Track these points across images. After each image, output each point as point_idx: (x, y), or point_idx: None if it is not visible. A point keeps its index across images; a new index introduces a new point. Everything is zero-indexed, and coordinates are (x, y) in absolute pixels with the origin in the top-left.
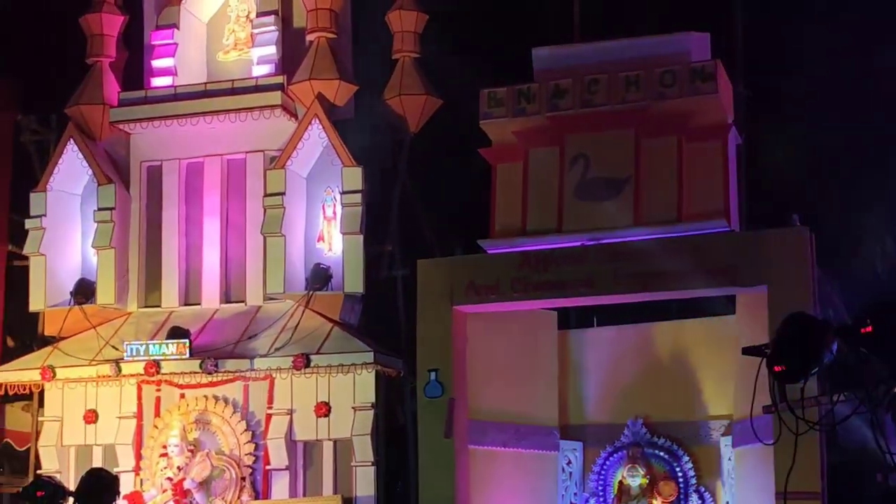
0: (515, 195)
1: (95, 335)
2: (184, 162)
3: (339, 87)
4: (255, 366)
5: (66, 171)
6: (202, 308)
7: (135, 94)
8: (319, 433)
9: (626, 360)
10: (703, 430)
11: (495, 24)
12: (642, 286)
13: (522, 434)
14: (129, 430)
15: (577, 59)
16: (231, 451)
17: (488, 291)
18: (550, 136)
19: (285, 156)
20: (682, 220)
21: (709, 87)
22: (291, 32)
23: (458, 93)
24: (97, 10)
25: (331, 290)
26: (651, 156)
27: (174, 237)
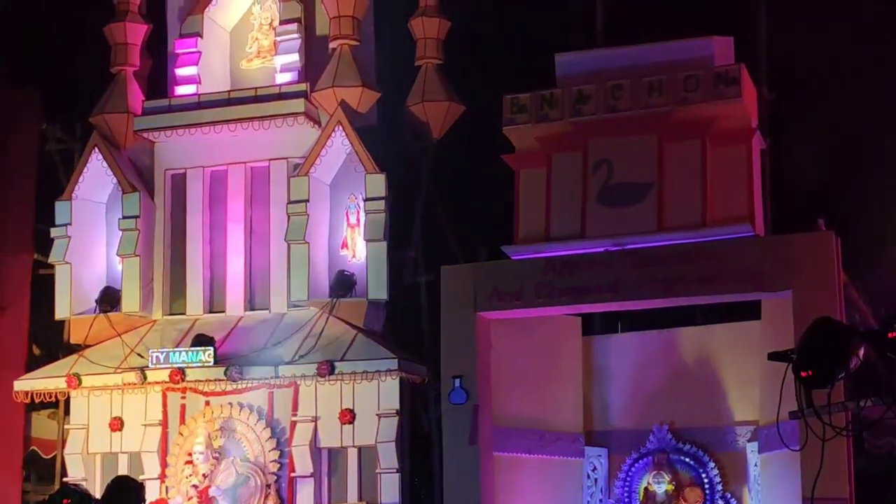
0: (539, 201)
1: (120, 343)
2: (208, 170)
3: (362, 94)
4: (280, 373)
5: (90, 179)
6: (227, 316)
7: (159, 103)
8: (344, 440)
9: (651, 366)
10: (728, 436)
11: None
12: (667, 291)
13: (547, 440)
14: (155, 437)
15: (600, 65)
16: (256, 459)
17: (512, 297)
18: (574, 142)
19: (309, 163)
20: (707, 224)
21: (733, 92)
22: (314, 40)
23: (481, 99)
24: (121, 20)
25: (355, 296)
26: (675, 161)
27: (198, 245)
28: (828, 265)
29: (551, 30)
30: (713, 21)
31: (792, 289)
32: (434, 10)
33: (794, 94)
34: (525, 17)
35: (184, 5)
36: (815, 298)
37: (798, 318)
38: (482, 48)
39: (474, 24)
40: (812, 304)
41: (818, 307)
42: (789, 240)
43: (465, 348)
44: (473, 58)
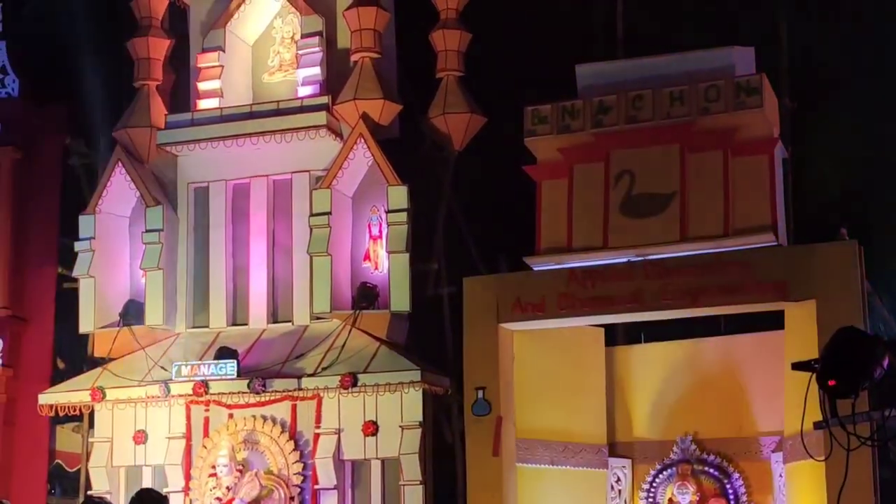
0: (561, 212)
1: (144, 356)
2: (230, 183)
3: (383, 106)
4: (303, 385)
5: (114, 193)
6: (250, 328)
7: (181, 117)
8: (367, 452)
9: (675, 377)
10: (753, 447)
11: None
12: (690, 302)
13: (570, 451)
14: (179, 450)
15: (621, 75)
16: (279, 471)
17: (535, 308)
18: (595, 153)
19: (331, 175)
20: (729, 235)
21: (754, 101)
22: (335, 53)
23: (503, 110)
24: (144, 35)
25: (377, 309)
26: (697, 171)
27: (221, 258)
28: (851, 274)
29: (572, 41)
30: (734, 31)
31: (815, 298)
32: (455, 23)
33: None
34: (546, 29)
35: (206, 20)
36: (838, 308)
37: (822, 327)
38: (503, 60)
39: (495, 36)
40: (835, 314)
41: (842, 316)
42: (813, 249)
43: (487, 360)
44: (495, 69)
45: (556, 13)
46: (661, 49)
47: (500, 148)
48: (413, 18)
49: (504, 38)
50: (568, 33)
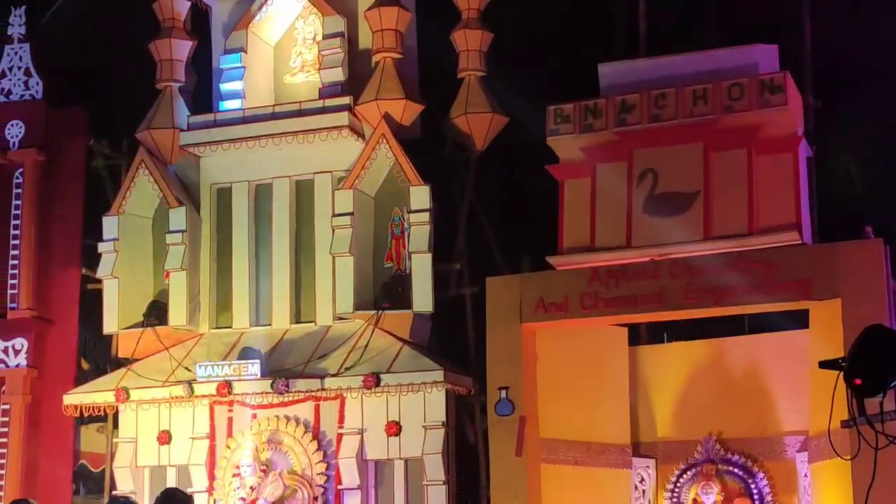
0: (583, 211)
1: (168, 357)
2: (253, 184)
3: (405, 106)
4: (326, 385)
5: (137, 194)
6: (272, 328)
7: (204, 118)
8: (390, 452)
9: (699, 376)
10: (777, 446)
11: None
12: (714, 301)
13: (594, 451)
14: (202, 450)
15: (644, 74)
16: (303, 471)
17: (557, 308)
18: (618, 152)
19: (353, 176)
20: (753, 233)
21: (778, 100)
22: (357, 53)
23: (525, 110)
24: (166, 36)
25: (400, 309)
26: (720, 169)
27: (244, 258)
28: (877, 272)
29: (594, 40)
30: (757, 29)
31: (840, 297)
32: (476, 22)
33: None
34: (568, 28)
35: (228, 21)
36: (864, 306)
37: (847, 326)
38: (525, 59)
39: (517, 36)
40: (861, 312)
41: (867, 315)
42: (837, 248)
43: (510, 359)
44: (516, 69)
45: (577, 12)
46: (684, 47)
47: (522, 147)
48: (435, 18)
49: (526, 38)
50: (590, 32)
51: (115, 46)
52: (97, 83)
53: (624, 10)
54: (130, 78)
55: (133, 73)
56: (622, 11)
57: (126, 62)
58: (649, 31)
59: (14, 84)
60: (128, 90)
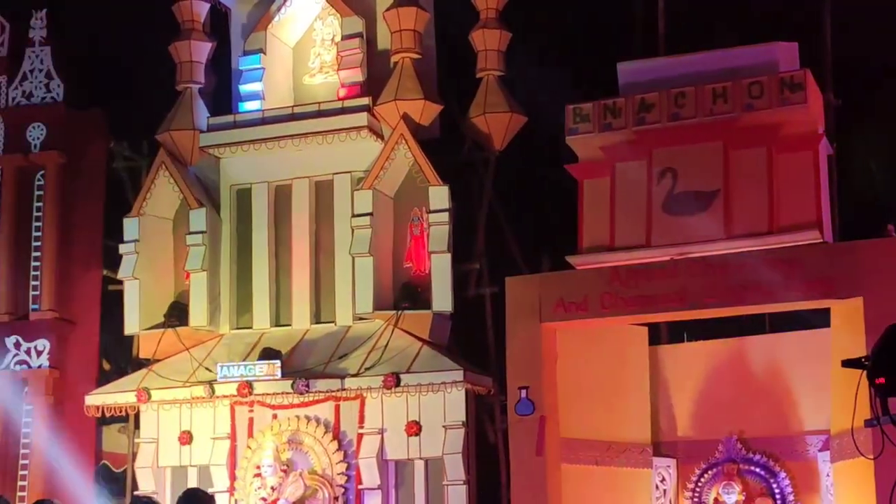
0: (603, 210)
1: (189, 357)
2: (272, 184)
3: (424, 106)
4: (346, 385)
5: (157, 196)
6: (293, 329)
7: (224, 119)
8: (411, 452)
9: (719, 376)
10: (799, 446)
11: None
12: (734, 299)
13: (615, 451)
14: (223, 450)
15: (663, 73)
16: (324, 471)
17: (577, 308)
18: (637, 151)
19: (372, 176)
20: (774, 231)
21: (798, 98)
22: (376, 54)
23: (543, 109)
24: (186, 38)
25: (420, 309)
26: (740, 168)
27: (264, 259)
28: None
29: (613, 38)
30: (777, 27)
31: (862, 295)
32: (495, 22)
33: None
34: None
35: (247, 22)
36: (886, 304)
37: (869, 324)
38: (543, 58)
39: (535, 35)
40: (883, 311)
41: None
42: (859, 246)
43: (530, 359)
44: (535, 68)
45: (596, 11)
46: (704, 45)
47: (541, 147)
48: (453, 18)
49: (544, 37)
50: (609, 31)
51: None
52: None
53: (643, 9)
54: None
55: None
56: (641, 10)
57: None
58: (668, 30)
59: (35, 86)
60: (148, 92)
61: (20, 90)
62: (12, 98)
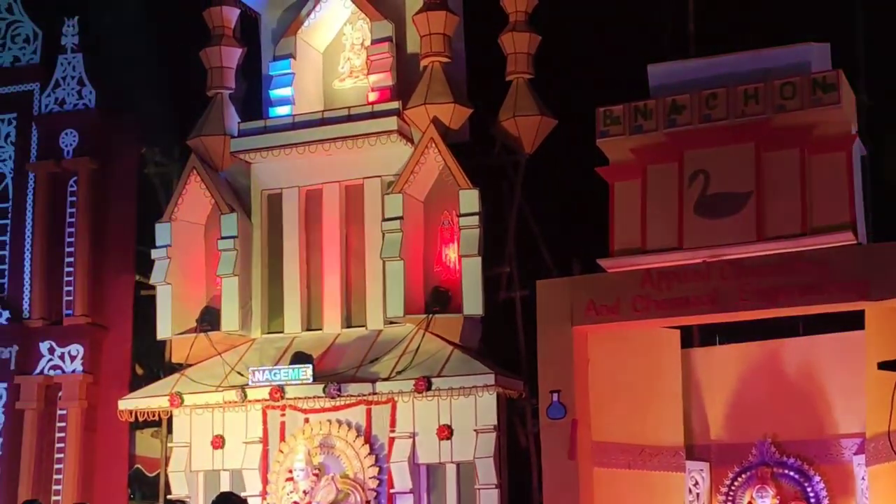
0: (634, 213)
1: (221, 362)
2: (303, 189)
3: (453, 110)
4: (377, 389)
5: (189, 201)
6: (324, 333)
7: (254, 125)
8: (442, 456)
9: (752, 378)
10: (834, 449)
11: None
12: (768, 302)
13: (647, 455)
14: (256, 454)
15: (694, 74)
16: (355, 475)
17: (609, 311)
18: (669, 153)
19: (402, 180)
20: (807, 233)
21: (831, 98)
22: (405, 58)
23: (573, 112)
24: (217, 44)
25: (450, 312)
26: (773, 169)
27: (295, 263)
28: None
29: (643, 40)
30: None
31: None
32: (524, 25)
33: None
34: (616, 29)
35: (277, 28)
36: None
37: None
38: (573, 61)
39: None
40: None
41: None
42: (893, 247)
43: (562, 362)
44: (565, 71)
45: (626, 13)
46: (734, 46)
47: (571, 150)
48: (482, 21)
49: (574, 39)
50: (638, 33)
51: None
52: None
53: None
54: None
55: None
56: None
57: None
58: (698, 31)
59: (68, 93)
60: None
61: (53, 97)
62: (45, 105)
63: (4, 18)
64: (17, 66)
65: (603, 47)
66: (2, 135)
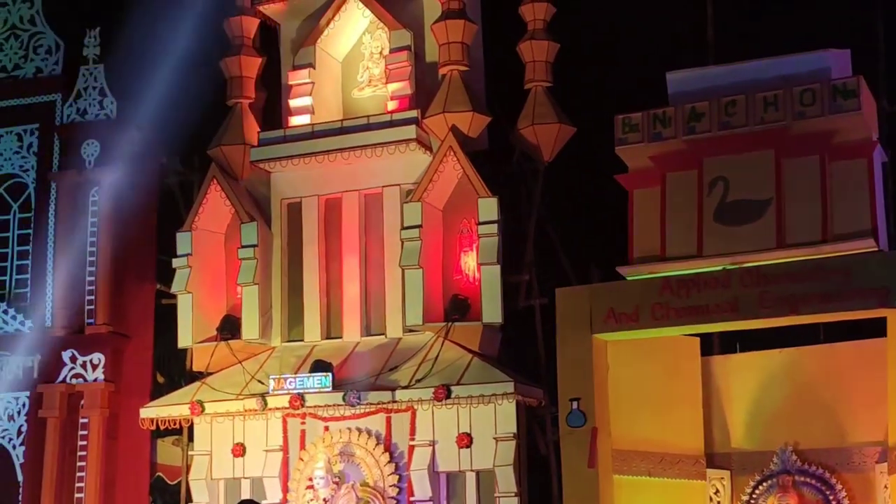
0: (653, 221)
1: (241, 370)
2: (322, 198)
3: (472, 118)
4: (397, 397)
5: (209, 210)
6: (343, 341)
7: (274, 134)
8: (462, 464)
9: (773, 386)
10: (856, 457)
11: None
12: (788, 309)
13: (668, 462)
14: (276, 462)
15: (713, 81)
16: (375, 483)
17: (628, 319)
18: (688, 160)
19: (421, 189)
20: (828, 240)
21: (851, 105)
22: (424, 66)
23: (592, 120)
24: (236, 53)
25: (469, 320)
26: (793, 176)
27: (315, 272)
28: None
29: (661, 48)
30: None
31: None
32: (542, 33)
33: None
34: (635, 36)
35: (296, 37)
36: None
37: None
38: (592, 69)
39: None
40: None
41: None
42: None
43: (581, 370)
44: (583, 79)
45: (644, 20)
46: (753, 53)
47: (590, 157)
48: (501, 30)
49: (592, 47)
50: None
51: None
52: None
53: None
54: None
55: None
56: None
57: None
58: (717, 38)
59: (89, 104)
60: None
61: (75, 108)
62: (67, 115)
63: (27, 30)
64: (39, 76)
65: (621, 55)
66: (24, 145)
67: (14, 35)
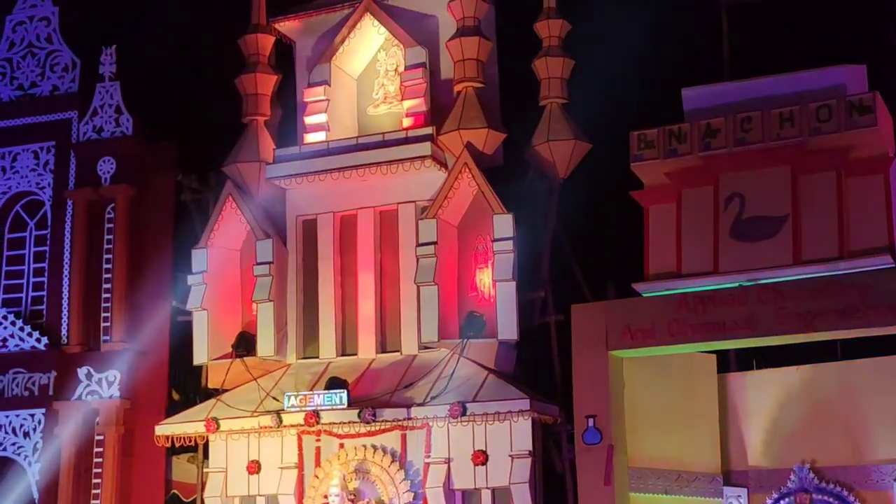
0: (669, 237)
1: (256, 387)
2: (338, 215)
3: (487, 135)
4: (413, 414)
5: (225, 227)
6: (359, 358)
7: (289, 151)
8: (477, 482)
9: (790, 403)
10: (874, 475)
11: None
12: (805, 326)
13: (684, 480)
14: (291, 480)
15: (729, 97)
16: (391, 500)
17: (644, 335)
18: (704, 176)
19: (436, 205)
20: (845, 257)
21: (868, 120)
22: (439, 83)
23: (607, 136)
24: (252, 71)
25: (485, 337)
26: (809, 192)
27: (330, 289)
28: None
29: (677, 64)
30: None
31: None
32: (557, 50)
33: None
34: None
35: (311, 55)
36: None
37: None
38: (607, 85)
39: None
40: None
41: None
42: None
43: (597, 387)
44: (598, 95)
45: (659, 36)
46: (769, 70)
47: (605, 174)
48: (516, 47)
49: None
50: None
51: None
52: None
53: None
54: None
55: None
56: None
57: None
58: (733, 54)
59: (105, 121)
60: (214, 125)
61: (91, 125)
62: (83, 133)
63: (44, 48)
64: (55, 94)
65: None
66: (41, 163)
67: (31, 53)
